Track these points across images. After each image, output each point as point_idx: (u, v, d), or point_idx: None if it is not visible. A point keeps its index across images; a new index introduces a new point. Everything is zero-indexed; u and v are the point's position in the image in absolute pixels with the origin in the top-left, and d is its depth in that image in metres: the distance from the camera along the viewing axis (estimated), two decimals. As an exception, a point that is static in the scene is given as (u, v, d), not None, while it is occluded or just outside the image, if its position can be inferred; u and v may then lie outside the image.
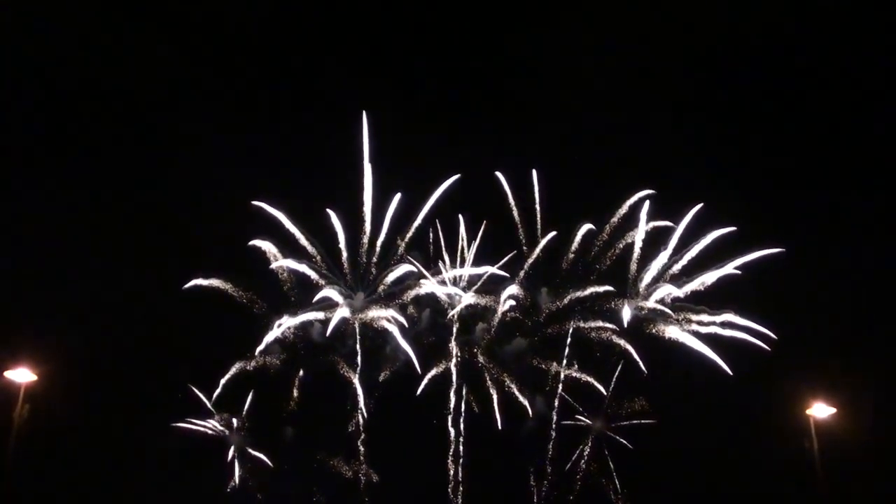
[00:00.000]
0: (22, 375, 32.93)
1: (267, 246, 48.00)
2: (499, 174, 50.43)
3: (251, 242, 47.61)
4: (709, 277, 48.15)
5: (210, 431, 47.74)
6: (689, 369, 46.61)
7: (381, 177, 49.53)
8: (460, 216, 50.15)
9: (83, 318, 43.61)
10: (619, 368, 48.29)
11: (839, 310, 46.12)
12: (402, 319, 48.26)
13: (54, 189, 47.99)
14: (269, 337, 47.68)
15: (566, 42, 55.56)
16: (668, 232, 49.45)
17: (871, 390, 41.23)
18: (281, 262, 48.09)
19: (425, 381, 47.99)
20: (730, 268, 47.55)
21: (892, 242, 46.62)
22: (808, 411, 36.42)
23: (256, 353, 47.56)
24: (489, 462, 48.52)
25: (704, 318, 47.69)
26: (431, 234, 50.27)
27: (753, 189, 52.32)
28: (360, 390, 48.56)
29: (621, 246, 49.91)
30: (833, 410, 36.38)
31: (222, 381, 47.41)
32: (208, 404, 47.74)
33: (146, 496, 43.68)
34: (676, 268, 49.19)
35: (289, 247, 48.72)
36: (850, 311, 46.40)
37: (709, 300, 48.19)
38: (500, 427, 47.86)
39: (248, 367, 47.80)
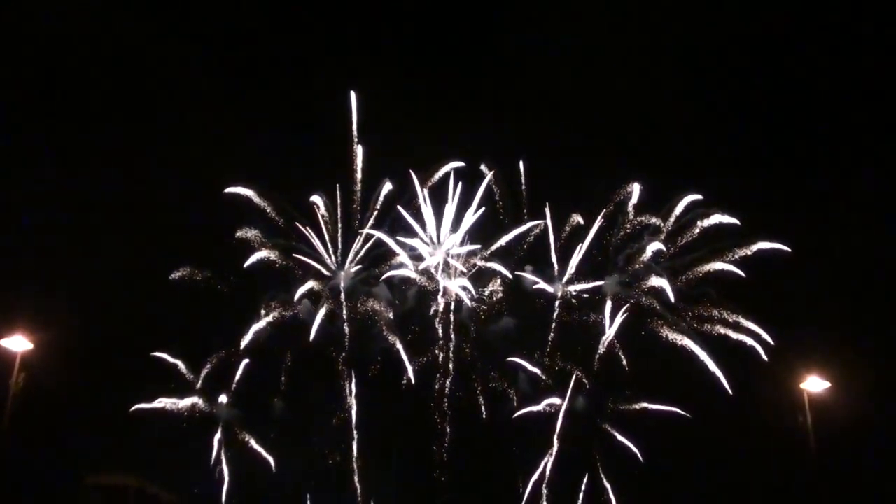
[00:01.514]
0: (18, 344, 32.84)
1: (253, 234, 47.93)
2: (484, 167, 50.32)
3: (237, 234, 47.57)
4: (700, 270, 48.32)
5: (196, 413, 47.35)
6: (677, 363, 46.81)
7: (371, 162, 49.90)
8: (448, 202, 50.05)
9: (80, 287, 43.57)
10: (596, 355, 48.23)
11: (834, 285, 46.38)
12: (389, 314, 48.19)
13: (52, 164, 48.15)
14: (256, 326, 47.65)
15: (565, 30, 55.75)
16: (664, 223, 49.63)
17: (866, 364, 41.39)
18: (260, 255, 47.91)
19: (410, 370, 47.97)
20: (721, 264, 47.67)
21: (888, 219, 46.94)
22: (802, 385, 36.37)
23: (242, 345, 47.40)
24: (475, 451, 48.43)
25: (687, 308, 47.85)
26: (418, 223, 50.26)
27: (752, 180, 52.38)
28: (351, 381, 48.52)
29: (619, 237, 50.08)
30: (827, 385, 36.35)
31: (208, 363, 47.28)
32: (186, 373, 47.29)
33: (140, 467, 43.62)
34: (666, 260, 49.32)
35: (277, 232, 48.77)
36: (845, 285, 46.63)
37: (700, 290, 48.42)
38: (484, 415, 47.92)
39: (234, 356, 47.54)
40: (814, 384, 36.39)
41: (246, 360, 47.50)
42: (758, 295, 47.06)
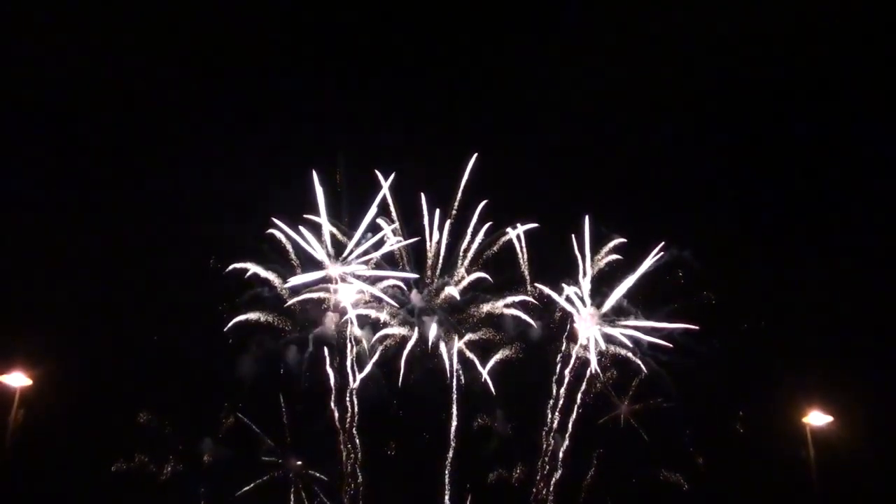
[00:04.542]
0: (17, 380, 33.08)
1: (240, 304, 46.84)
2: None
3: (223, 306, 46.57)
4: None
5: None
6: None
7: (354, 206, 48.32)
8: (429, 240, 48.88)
9: (78, 322, 43.46)
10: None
11: (836, 317, 45.95)
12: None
13: (47, 192, 47.93)
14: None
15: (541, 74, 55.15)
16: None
17: (868, 398, 41.03)
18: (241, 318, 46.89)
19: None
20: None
21: (888, 249, 46.68)
22: (805, 419, 36.38)
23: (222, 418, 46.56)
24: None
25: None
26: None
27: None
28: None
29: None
30: (830, 419, 36.32)
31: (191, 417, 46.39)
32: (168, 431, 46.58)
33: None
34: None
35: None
36: (847, 318, 46.17)
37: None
38: None
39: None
40: (816, 418, 36.38)
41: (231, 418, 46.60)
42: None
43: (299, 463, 46.95)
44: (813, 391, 38.23)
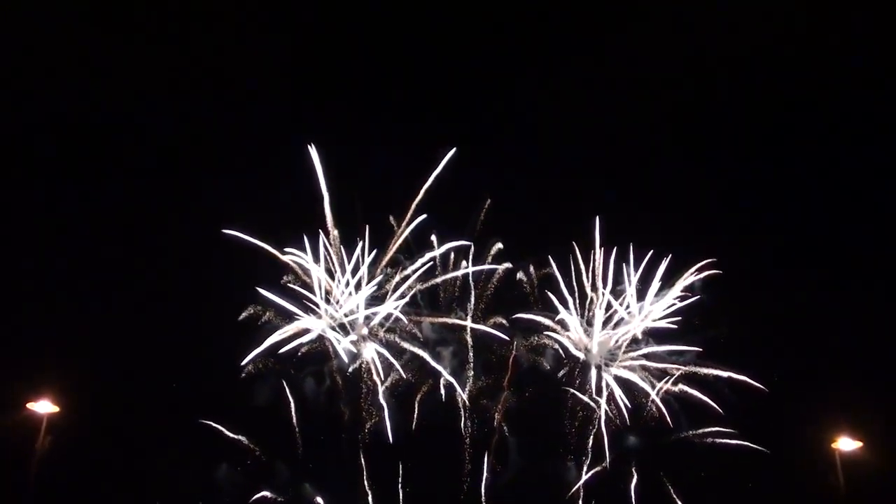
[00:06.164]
0: (44, 407, 33.24)
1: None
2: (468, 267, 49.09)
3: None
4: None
5: None
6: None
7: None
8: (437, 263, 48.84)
9: (106, 350, 43.49)
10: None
11: (865, 341, 45.92)
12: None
13: (76, 218, 48.17)
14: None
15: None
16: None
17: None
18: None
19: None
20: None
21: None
22: (834, 445, 36.21)
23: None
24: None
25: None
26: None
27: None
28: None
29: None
30: (859, 444, 36.14)
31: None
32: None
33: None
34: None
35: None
36: (876, 342, 46.15)
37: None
38: None
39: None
40: (846, 444, 36.22)
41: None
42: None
43: (318, 500, 46.52)
44: (842, 416, 38.12)
